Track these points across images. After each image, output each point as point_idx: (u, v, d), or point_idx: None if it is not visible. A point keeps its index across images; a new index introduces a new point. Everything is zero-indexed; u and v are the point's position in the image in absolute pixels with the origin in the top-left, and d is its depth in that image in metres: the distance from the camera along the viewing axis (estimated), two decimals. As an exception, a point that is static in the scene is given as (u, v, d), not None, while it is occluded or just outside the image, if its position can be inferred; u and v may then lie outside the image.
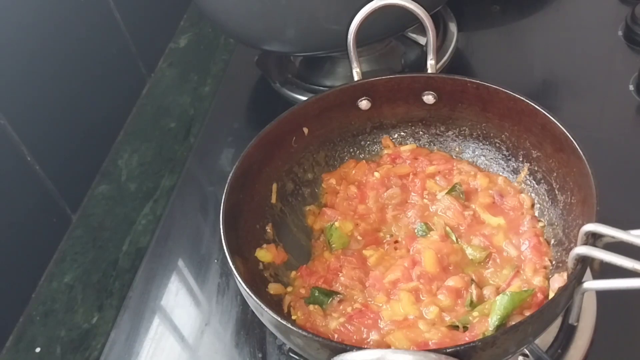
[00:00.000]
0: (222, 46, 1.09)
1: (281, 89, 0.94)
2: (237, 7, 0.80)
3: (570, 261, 0.50)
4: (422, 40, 0.93)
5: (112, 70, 0.94)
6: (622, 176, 0.72)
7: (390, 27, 0.80)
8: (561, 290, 0.49)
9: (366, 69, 0.90)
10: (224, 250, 0.55)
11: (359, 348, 0.45)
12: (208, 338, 0.68)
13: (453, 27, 0.96)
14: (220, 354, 0.67)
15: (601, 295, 0.62)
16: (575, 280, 0.48)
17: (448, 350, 0.44)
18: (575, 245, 0.52)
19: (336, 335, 0.56)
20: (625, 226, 0.66)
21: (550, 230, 0.61)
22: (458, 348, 0.44)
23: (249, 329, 0.68)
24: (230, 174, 0.59)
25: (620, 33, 0.90)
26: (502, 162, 0.68)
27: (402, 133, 0.72)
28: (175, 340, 0.69)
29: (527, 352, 0.57)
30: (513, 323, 0.51)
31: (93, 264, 0.78)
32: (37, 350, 0.70)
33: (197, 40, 1.12)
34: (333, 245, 0.64)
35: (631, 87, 0.82)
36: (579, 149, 0.56)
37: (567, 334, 0.59)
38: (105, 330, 0.71)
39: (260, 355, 0.65)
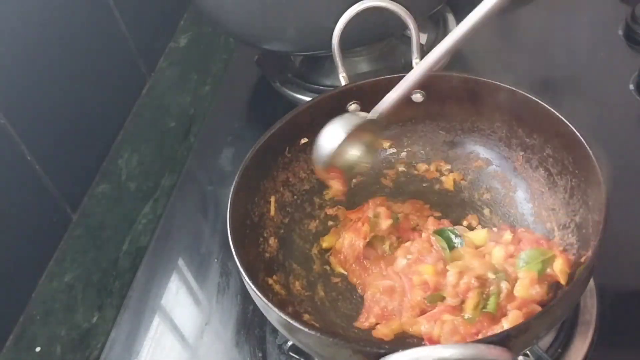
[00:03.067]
0: (222, 46, 1.09)
1: (281, 89, 0.94)
2: (237, 7, 0.80)
3: None
4: (422, 39, 0.93)
5: (112, 70, 0.94)
6: (622, 176, 0.72)
7: (385, 28, 0.80)
8: (584, 269, 0.50)
9: (366, 69, 0.91)
10: (227, 253, 0.55)
11: (402, 349, 0.44)
12: (208, 337, 0.68)
13: (453, 26, 0.96)
14: (220, 354, 0.67)
15: (602, 294, 0.62)
16: (596, 258, 0.49)
17: (488, 340, 0.45)
18: (585, 228, 0.55)
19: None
20: (626, 224, 0.66)
21: (553, 215, 0.62)
22: (494, 337, 0.45)
23: (249, 329, 0.68)
24: (231, 192, 0.59)
25: (620, 32, 0.90)
26: (495, 152, 0.69)
27: (393, 133, 0.73)
28: (175, 339, 0.69)
29: (527, 351, 0.57)
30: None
31: (93, 264, 0.78)
32: (38, 349, 0.71)
33: (197, 40, 1.12)
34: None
35: (631, 87, 0.82)
36: (577, 132, 0.57)
37: (567, 333, 0.59)
38: (105, 329, 0.71)
39: (260, 354, 0.65)
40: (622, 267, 0.64)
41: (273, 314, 0.51)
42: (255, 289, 0.52)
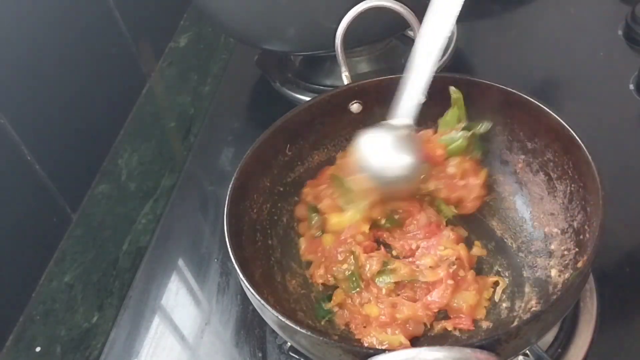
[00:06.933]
0: (222, 46, 1.09)
1: (281, 89, 0.94)
2: (237, 7, 0.80)
3: None
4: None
5: (112, 70, 0.94)
6: (622, 176, 0.72)
7: (386, 28, 0.80)
8: (577, 275, 0.49)
9: (366, 69, 0.91)
10: (227, 253, 0.55)
11: (389, 350, 0.44)
12: (208, 337, 0.68)
13: (453, 27, 0.96)
14: (220, 354, 0.67)
15: (602, 294, 0.62)
16: (590, 264, 0.49)
17: (476, 344, 0.44)
18: (582, 234, 0.54)
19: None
20: (626, 224, 0.66)
21: (551, 220, 0.62)
22: (483, 341, 0.45)
23: (249, 329, 0.68)
24: (230, 188, 0.59)
25: (620, 32, 0.90)
26: (496, 155, 0.68)
27: None
28: (175, 339, 0.69)
29: (527, 351, 0.57)
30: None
31: (93, 264, 0.78)
32: (37, 349, 0.70)
33: (197, 40, 1.12)
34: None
35: (631, 87, 0.82)
36: (577, 137, 0.56)
37: (567, 333, 0.59)
38: (105, 329, 0.71)
39: (260, 354, 0.65)
40: (622, 267, 0.64)
41: (267, 312, 0.51)
42: (248, 285, 0.52)
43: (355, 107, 0.69)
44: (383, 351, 0.44)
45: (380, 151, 0.60)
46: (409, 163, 0.60)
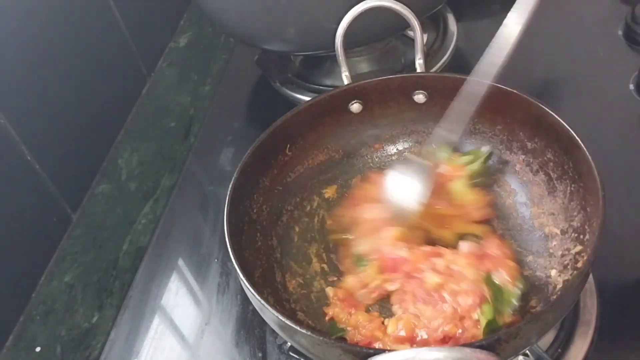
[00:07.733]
0: (222, 45, 1.09)
1: (281, 89, 0.94)
2: (237, 6, 0.80)
3: None
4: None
5: (112, 70, 0.94)
6: (622, 176, 0.72)
7: (386, 28, 0.80)
8: (577, 276, 0.49)
9: (366, 69, 0.91)
10: (227, 253, 0.55)
11: (389, 350, 0.44)
12: (208, 337, 0.68)
13: (453, 26, 0.96)
14: (220, 354, 0.67)
15: (602, 294, 0.62)
16: (590, 265, 0.49)
17: (476, 344, 0.44)
18: (582, 234, 0.55)
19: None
20: (626, 224, 0.66)
21: (551, 220, 0.62)
22: (483, 341, 0.45)
23: (249, 329, 0.68)
24: (230, 188, 0.59)
25: (620, 32, 0.90)
26: (496, 155, 0.68)
27: (394, 133, 0.73)
28: (175, 339, 0.69)
29: (527, 351, 0.57)
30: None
31: (93, 264, 0.78)
32: (37, 349, 0.71)
33: (197, 40, 1.12)
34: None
35: (631, 87, 0.82)
36: (577, 137, 0.56)
37: (567, 333, 0.59)
38: (105, 329, 0.71)
39: (260, 354, 0.65)
40: (622, 267, 0.64)
41: (267, 312, 0.51)
42: (248, 285, 0.52)
43: (355, 106, 0.69)
44: (383, 351, 0.44)
45: (403, 186, 0.61)
46: (425, 196, 0.60)
